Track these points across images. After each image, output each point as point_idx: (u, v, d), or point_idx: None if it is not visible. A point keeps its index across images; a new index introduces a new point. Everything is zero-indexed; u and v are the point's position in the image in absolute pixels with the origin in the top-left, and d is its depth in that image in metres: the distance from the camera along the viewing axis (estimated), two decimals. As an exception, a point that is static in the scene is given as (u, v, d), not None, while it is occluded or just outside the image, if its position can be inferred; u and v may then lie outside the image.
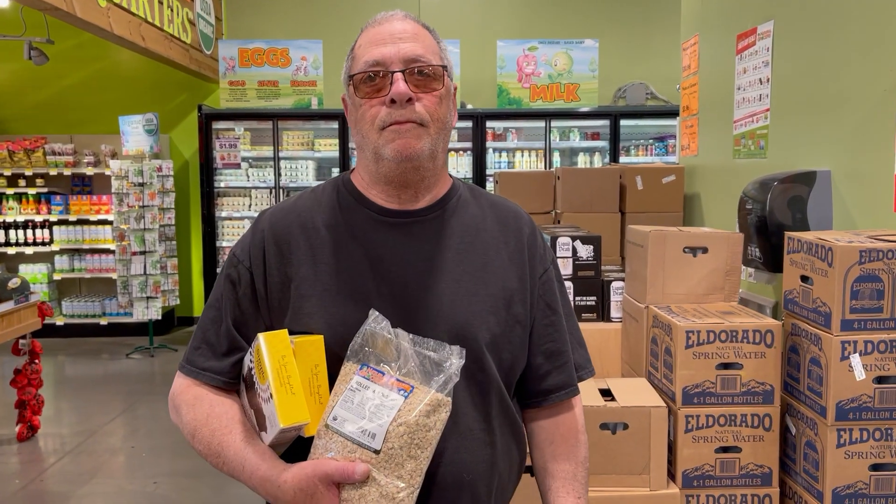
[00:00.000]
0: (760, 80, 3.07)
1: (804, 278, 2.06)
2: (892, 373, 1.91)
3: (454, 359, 1.05)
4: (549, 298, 1.28)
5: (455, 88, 1.24)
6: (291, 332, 1.12)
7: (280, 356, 1.06)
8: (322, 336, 1.12)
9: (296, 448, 1.11)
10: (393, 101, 1.12)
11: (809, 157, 2.72)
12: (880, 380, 1.91)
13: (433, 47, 1.18)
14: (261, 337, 1.08)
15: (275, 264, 1.17)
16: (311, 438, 1.06)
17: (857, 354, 1.90)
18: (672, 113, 6.51)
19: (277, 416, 1.03)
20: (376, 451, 1.00)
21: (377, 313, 1.08)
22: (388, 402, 1.02)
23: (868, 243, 1.91)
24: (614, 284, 2.75)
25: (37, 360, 4.51)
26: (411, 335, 1.07)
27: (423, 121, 1.14)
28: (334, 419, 1.04)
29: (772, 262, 2.58)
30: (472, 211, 1.26)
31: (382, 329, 1.07)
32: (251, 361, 1.12)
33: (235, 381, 1.19)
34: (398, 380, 1.03)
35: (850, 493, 1.94)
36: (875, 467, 1.94)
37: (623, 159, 6.82)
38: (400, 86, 1.11)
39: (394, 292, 1.15)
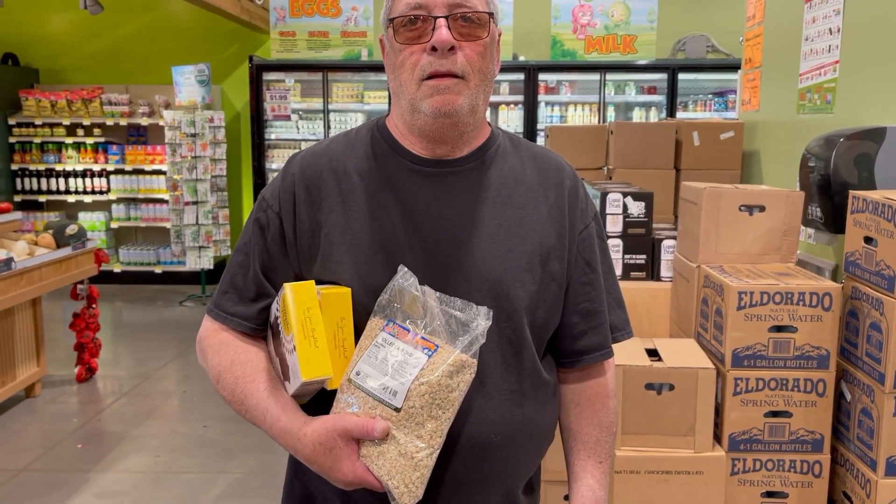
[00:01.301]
0: (830, 29, 2.89)
1: (868, 239, 1.96)
2: (960, 341, 1.81)
3: (481, 320, 1.01)
4: (589, 255, 1.23)
5: (499, 34, 1.18)
6: (319, 282, 1.10)
7: (305, 308, 1.04)
8: (349, 289, 1.09)
9: (319, 400, 1.10)
10: (434, 49, 1.07)
11: (880, 113, 2.56)
12: (946, 348, 1.81)
13: None
14: (287, 287, 1.06)
15: (305, 209, 1.14)
16: (335, 391, 1.05)
17: (922, 321, 1.80)
18: (733, 67, 6.23)
19: (300, 369, 1.02)
20: (397, 409, 0.98)
21: (405, 269, 1.05)
22: (412, 360, 0.99)
23: (941, 203, 1.80)
24: (665, 243, 2.67)
25: (94, 305, 4.66)
26: (438, 293, 1.04)
27: (465, 73, 1.09)
28: (357, 374, 1.02)
29: (833, 222, 2.46)
30: (512, 162, 1.21)
31: (410, 285, 1.04)
32: (277, 310, 1.11)
33: (262, 328, 1.18)
34: (423, 338, 1.01)
35: (906, 463, 1.87)
36: (935, 438, 1.86)
37: (680, 115, 6.60)
38: (442, 33, 1.06)
39: (426, 246, 1.11)
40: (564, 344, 1.23)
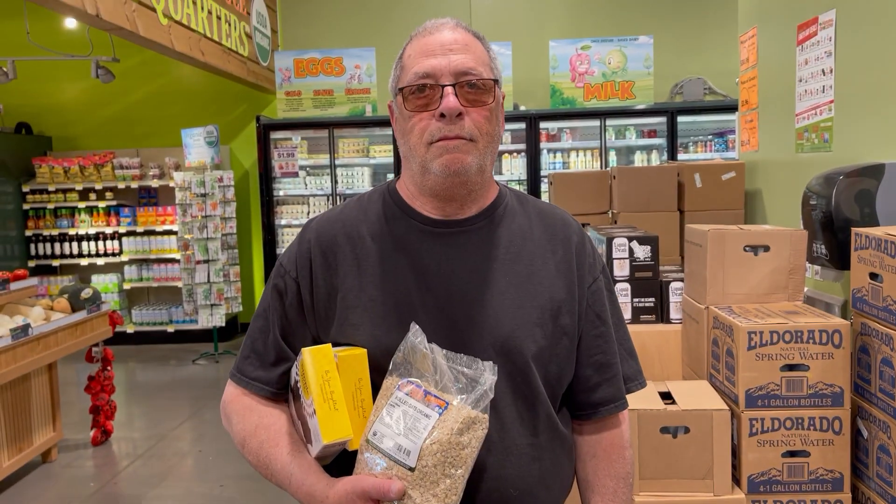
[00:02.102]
0: (823, 70, 2.97)
1: (873, 275, 1.98)
2: (972, 373, 1.82)
3: (487, 374, 1.03)
4: (599, 309, 1.25)
5: (503, 97, 1.23)
6: (337, 344, 1.13)
7: (324, 371, 1.07)
8: (365, 350, 1.11)
9: (342, 460, 1.12)
10: (443, 116, 1.11)
11: (877, 150, 2.61)
12: (958, 381, 1.82)
13: (484, 58, 1.16)
14: (305, 352, 1.09)
15: (321, 274, 1.17)
16: (356, 451, 1.07)
17: (932, 354, 1.81)
18: (731, 107, 6.35)
19: (321, 433, 1.04)
20: (411, 469, 0.99)
21: (417, 326, 1.07)
22: (423, 419, 1.01)
23: (942, 238, 1.82)
24: (673, 285, 2.69)
25: (109, 367, 4.69)
26: (445, 351, 1.06)
27: (473, 136, 1.12)
28: (374, 434, 1.04)
29: (839, 258, 2.49)
30: (520, 220, 1.24)
31: (420, 343, 1.06)
32: (297, 374, 1.13)
33: (283, 391, 1.20)
34: (435, 396, 1.02)
35: (927, 499, 1.86)
36: (955, 473, 1.85)
37: (681, 156, 6.68)
38: (450, 101, 1.10)
39: (439, 304, 1.14)
40: (579, 397, 1.24)
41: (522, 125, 6.76)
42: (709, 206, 3.83)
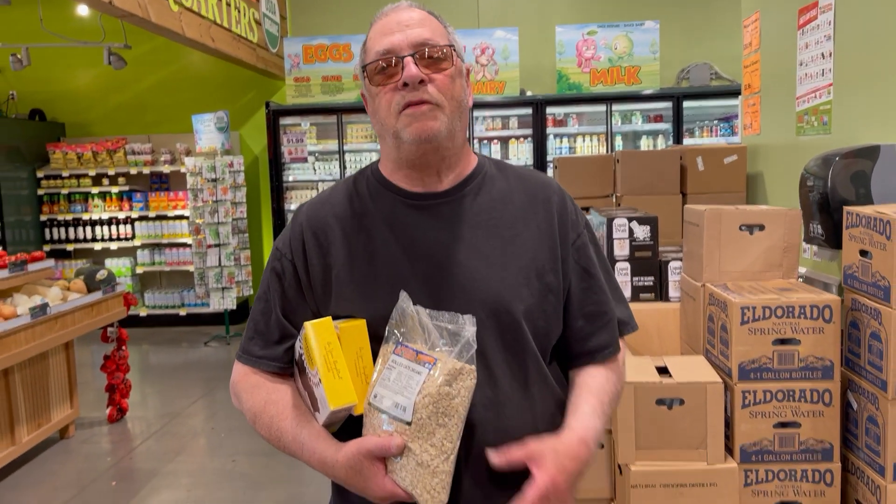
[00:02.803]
0: (823, 54, 3.01)
1: (863, 252, 2.05)
2: (956, 346, 1.88)
3: (468, 326, 1.08)
4: (585, 263, 1.30)
5: (468, 71, 1.28)
6: (336, 317, 1.19)
7: (326, 342, 1.13)
8: (364, 321, 1.18)
9: (349, 426, 1.18)
10: (405, 85, 1.16)
11: (875, 132, 2.66)
12: (943, 353, 1.89)
13: (440, 30, 1.22)
14: (307, 325, 1.15)
15: (315, 254, 1.24)
16: (362, 416, 1.14)
17: (917, 328, 1.88)
18: (737, 92, 6.36)
19: (327, 400, 1.11)
20: (409, 423, 1.06)
21: (405, 293, 1.13)
22: (415, 376, 1.07)
23: (928, 215, 1.89)
24: (672, 264, 2.76)
25: (124, 347, 4.80)
26: (428, 310, 1.11)
27: (438, 101, 1.17)
28: (375, 397, 1.10)
29: (834, 238, 2.55)
30: (499, 185, 1.29)
31: (407, 307, 1.12)
32: (300, 348, 1.20)
33: (289, 366, 1.27)
34: (425, 354, 1.08)
35: (912, 467, 1.93)
36: (938, 441, 1.92)
37: (687, 141, 6.72)
38: (411, 69, 1.15)
39: (427, 273, 1.19)
40: (574, 347, 1.30)
41: (529, 110, 6.81)
42: (711, 189, 3.88)
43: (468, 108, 1.27)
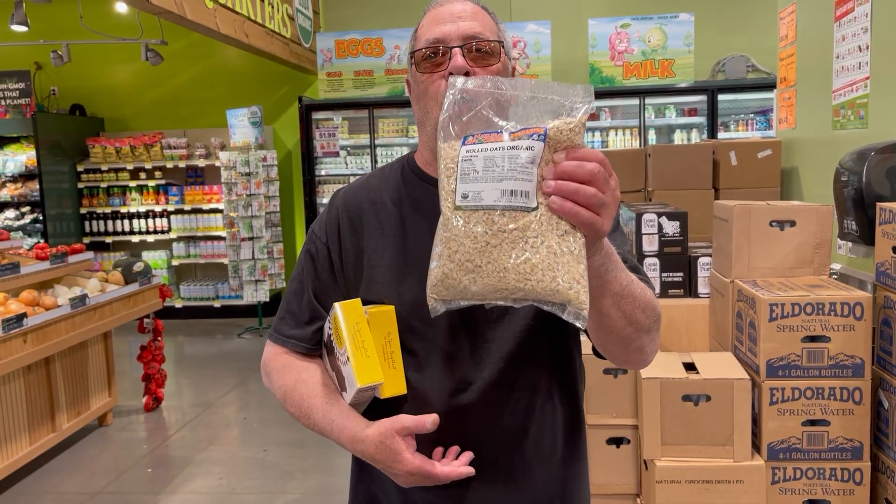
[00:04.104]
0: (860, 47, 2.95)
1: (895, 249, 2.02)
2: None
3: (580, 94, 0.89)
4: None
5: (514, 69, 1.29)
6: (365, 302, 1.20)
7: (354, 322, 1.15)
8: (393, 307, 1.18)
9: (374, 409, 1.20)
10: (451, 75, 1.16)
11: (912, 126, 2.61)
12: (978, 352, 1.85)
13: (491, 25, 1.23)
14: (337, 306, 1.17)
15: (349, 238, 1.27)
16: (387, 400, 1.15)
17: (951, 326, 1.85)
18: (773, 85, 6.26)
19: (354, 377, 1.12)
20: (534, 209, 0.87)
21: (456, 77, 0.98)
22: (525, 154, 0.86)
23: (964, 212, 1.85)
24: (701, 260, 2.74)
25: (159, 338, 4.91)
26: (532, 80, 0.92)
27: None
28: (464, 197, 0.89)
29: (869, 235, 2.51)
30: None
31: (481, 85, 0.92)
32: (330, 328, 1.22)
33: (318, 347, 1.30)
34: (523, 128, 0.88)
35: (944, 467, 1.90)
36: (972, 442, 1.89)
37: (722, 135, 6.62)
38: (458, 60, 1.17)
39: None
40: None
41: (561, 104, 6.76)
42: (744, 184, 3.83)
43: None
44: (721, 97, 6.61)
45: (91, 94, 8.11)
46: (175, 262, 7.84)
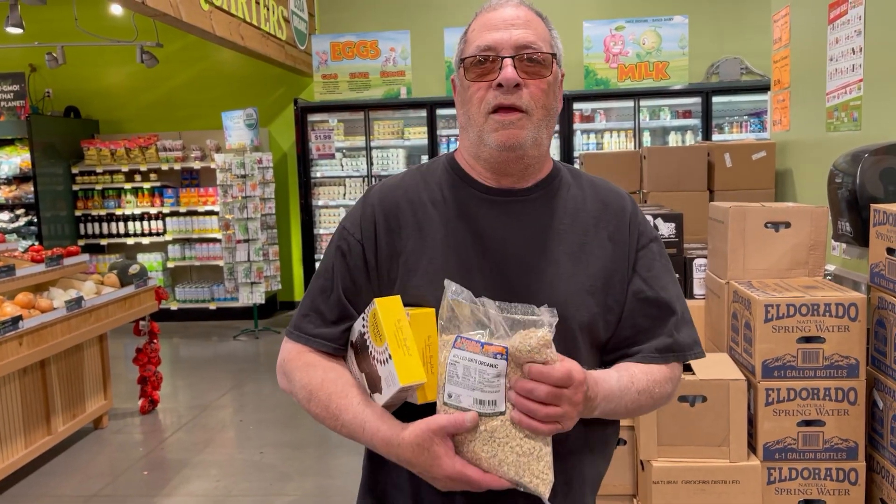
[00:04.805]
0: (853, 49, 2.97)
1: (890, 250, 2.03)
2: (984, 345, 1.86)
3: (546, 317, 1.05)
4: (646, 273, 1.25)
5: (562, 76, 1.26)
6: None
7: (395, 319, 1.11)
8: (433, 310, 1.14)
9: (405, 415, 1.15)
10: (500, 86, 1.15)
11: (905, 128, 2.63)
12: (971, 353, 1.86)
13: (545, 35, 1.21)
14: (376, 302, 1.13)
15: (384, 237, 1.22)
16: (421, 407, 1.10)
17: (944, 327, 1.86)
18: (767, 87, 6.30)
19: (397, 375, 1.07)
20: (502, 413, 1.04)
21: (453, 283, 1.09)
22: (489, 369, 1.03)
23: (957, 213, 1.86)
24: (697, 262, 2.75)
25: (155, 340, 4.90)
26: (497, 302, 1.07)
27: (529, 108, 1.16)
28: (449, 396, 1.06)
29: (863, 236, 2.52)
30: (574, 192, 1.27)
31: (465, 299, 1.08)
32: (363, 326, 1.17)
33: (344, 348, 1.25)
34: (492, 345, 1.04)
35: (938, 467, 1.91)
36: (966, 442, 1.90)
37: (717, 137, 6.65)
38: (508, 71, 1.14)
39: (496, 269, 1.18)
40: (616, 355, 1.25)
41: (556, 106, 6.79)
42: (738, 186, 3.85)
43: (557, 115, 1.25)
44: (715, 99, 6.64)
45: (86, 97, 8.09)
46: (170, 265, 7.83)
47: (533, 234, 1.21)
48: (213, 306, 7.73)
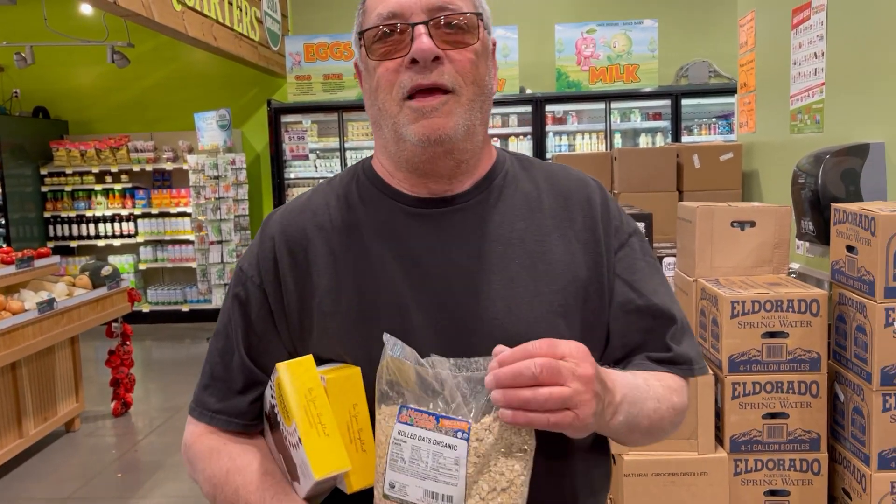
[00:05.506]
0: (815, 54, 3.07)
1: (849, 248, 2.11)
2: (938, 339, 1.94)
3: None
4: (630, 277, 1.01)
5: (494, 44, 1.00)
6: (320, 361, 0.92)
7: (307, 390, 0.86)
8: (359, 368, 0.90)
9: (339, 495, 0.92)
10: (415, 62, 0.90)
11: (866, 130, 2.72)
12: (925, 345, 1.95)
13: None
14: (281, 367, 0.88)
15: (290, 277, 0.97)
16: (357, 494, 0.89)
17: (900, 321, 1.94)
18: (734, 90, 6.43)
19: (310, 466, 0.84)
20: None
21: (393, 339, 0.85)
22: (448, 451, 0.80)
23: (911, 212, 1.95)
24: (666, 260, 2.82)
25: (128, 342, 4.87)
26: (452, 359, 0.83)
27: (455, 86, 0.91)
28: (392, 486, 0.82)
29: (825, 235, 2.61)
30: (525, 188, 1.02)
31: (408, 357, 0.83)
32: (272, 397, 0.94)
33: (257, 421, 1.00)
34: (449, 419, 0.80)
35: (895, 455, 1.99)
36: (921, 431, 1.98)
37: (686, 139, 6.78)
38: (423, 41, 0.89)
39: (437, 301, 0.93)
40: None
41: (528, 108, 6.86)
42: (707, 187, 3.94)
43: (493, 94, 1.00)
44: (684, 102, 6.77)
45: (55, 97, 7.99)
46: (142, 266, 7.76)
47: (478, 249, 0.95)
48: (185, 308, 7.67)
